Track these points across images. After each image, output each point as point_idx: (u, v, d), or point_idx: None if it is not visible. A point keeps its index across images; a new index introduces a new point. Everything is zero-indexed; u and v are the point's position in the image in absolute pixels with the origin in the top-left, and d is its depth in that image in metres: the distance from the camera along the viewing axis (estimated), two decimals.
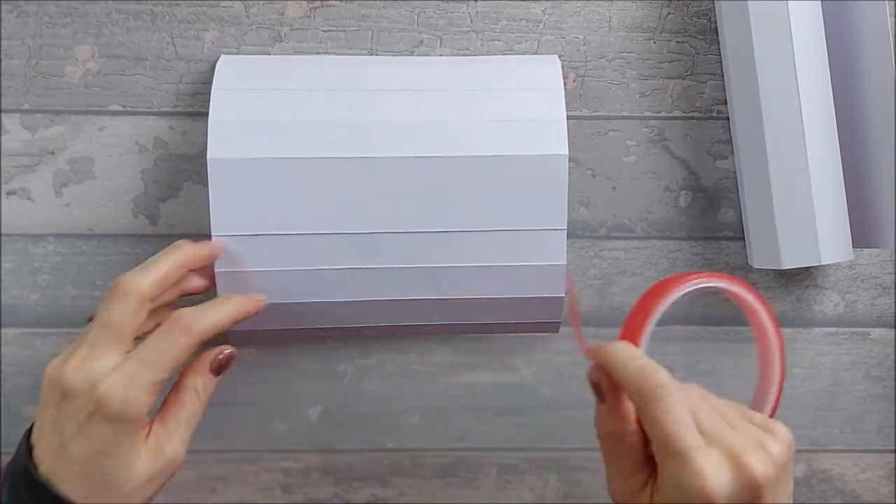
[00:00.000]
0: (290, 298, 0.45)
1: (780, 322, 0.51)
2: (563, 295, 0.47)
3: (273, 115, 0.44)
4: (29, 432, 0.40)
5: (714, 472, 0.35)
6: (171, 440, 0.39)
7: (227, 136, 0.44)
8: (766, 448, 0.36)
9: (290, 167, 0.44)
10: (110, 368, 0.37)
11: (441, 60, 0.48)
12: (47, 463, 0.38)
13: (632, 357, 0.38)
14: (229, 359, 0.42)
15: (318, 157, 0.44)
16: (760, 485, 0.35)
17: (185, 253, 0.42)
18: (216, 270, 0.44)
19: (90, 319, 0.40)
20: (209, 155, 0.43)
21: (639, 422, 0.38)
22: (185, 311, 0.39)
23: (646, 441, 0.37)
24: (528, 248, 0.46)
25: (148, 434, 0.39)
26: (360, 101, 0.45)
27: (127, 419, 0.37)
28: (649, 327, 0.40)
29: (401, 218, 0.45)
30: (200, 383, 0.40)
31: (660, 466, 0.36)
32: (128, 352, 0.38)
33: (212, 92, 0.45)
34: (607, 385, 0.39)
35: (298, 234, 0.45)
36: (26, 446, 0.39)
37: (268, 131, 0.44)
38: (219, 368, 0.41)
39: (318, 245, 0.45)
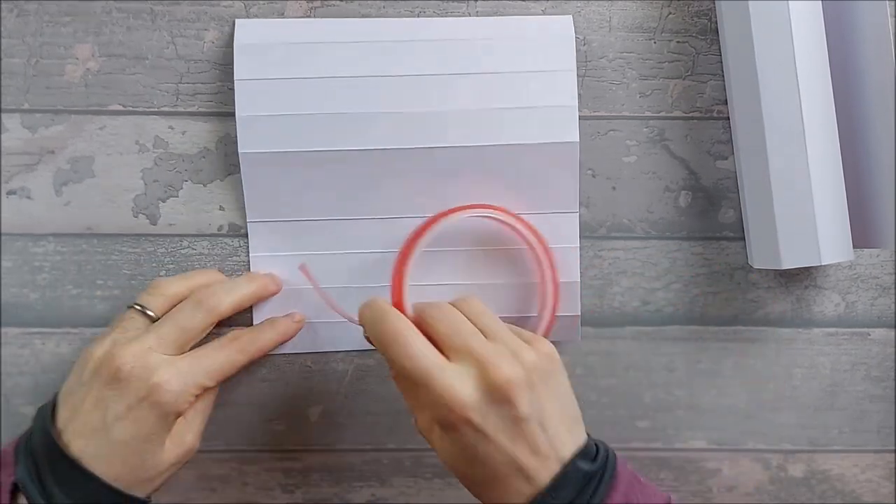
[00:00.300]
0: (323, 283, 0.48)
1: (780, 322, 0.52)
2: (578, 280, 0.50)
3: (295, 108, 0.47)
4: (48, 410, 0.41)
5: (457, 384, 0.37)
6: (191, 430, 0.43)
7: (254, 131, 0.47)
8: (519, 355, 0.38)
9: (313, 159, 0.47)
10: (168, 363, 0.41)
11: (454, 31, 0.48)
12: (80, 440, 0.40)
13: (373, 316, 0.40)
14: None
15: (340, 149, 0.47)
16: (508, 386, 0.37)
17: (261, 286, 0.47)
18: (251, 255, 0.49)
19: (131, 307, 0.44)
20: (240, 149, 0.47)
21: None
22: (244, 334, 0.45)
23: None
24: (543, 231, 0.48)
25: None
26: (378, 89, 0.47)
27: (174, 411, 0.41)
28: (406, 280, 0.45)
29: (420, 202, 0.48)
30: None
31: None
32: (182, 353, 0.43)
33: (235, 83, 0.47)
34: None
35: (324, 220, 0.48)
36: (49, 422, 0.40)
37: (291, 125, 0.47)
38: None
39: (341, 231, 0.49)
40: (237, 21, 0.47)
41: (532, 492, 0.38)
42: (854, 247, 0.47)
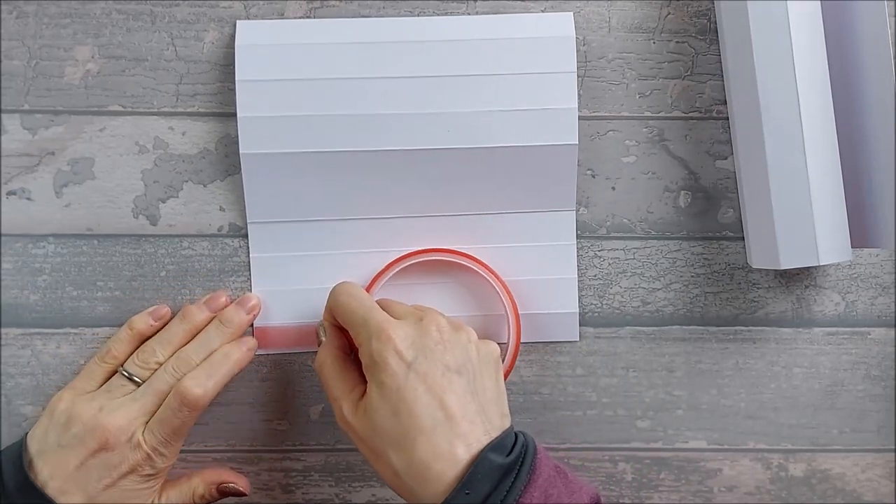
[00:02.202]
0: (319, 284, 0.48)
1: (780, 322, 0.52)
2: (575, 276, 0.50)
3: (295, 110, 0.47)
4: (18, 458, 0.43)
5: (396, 321, 0.42)
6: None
7: (255, 132, 0.47)
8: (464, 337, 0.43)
9: (314, 160, 0.47)
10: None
11: (453, 30, 0.48)
12: (65, 497, 0.43)
13: (335, 289, 0.45)
14: (235, 493, 0.49)
15: (340, 150, 0.47)
16: (441, 332, 0.41)
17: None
18: (252, 256, 0.49)
19: (119, 374, 0.46)
20: (241, 150, 0.47)
21: (353, 350, 0.44)
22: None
23: (359, 364, 0.43)
24: (541, 229, 0.49)
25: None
26: (378, 91, 0.47)
27: (163, 476, 0.45)
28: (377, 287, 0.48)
29: (419, 203, 0.49)
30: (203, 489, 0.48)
31: (362, 353, 0.42)
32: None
33: (236, 84, 0.47)
34: (331, 326, 0.46)
35: (323, 220, 0.49)
36: (27, 473, 0.43)
37: (291, 126, 0.47)
38: (224, 492, 0.48)
39: (342, 230, 0.49)
40: (238, 22, 0.47)
41: (454, 467, 0.38)
42: (853, 247, 0.47)
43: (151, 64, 0.48)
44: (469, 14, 0.48)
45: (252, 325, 0.49)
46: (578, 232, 0.50)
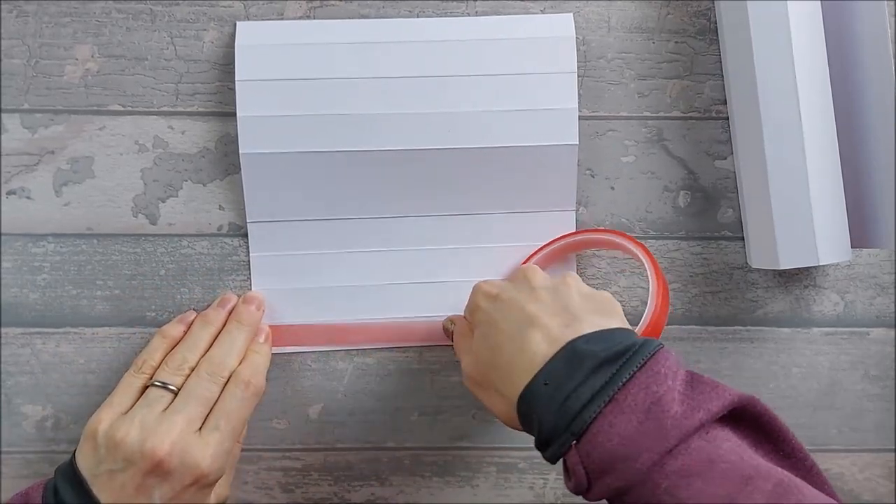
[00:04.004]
0: (318, 283, 0.49)
1: (779, 322, 0.52)
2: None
3: (294, 110, 0.47)
4: (74, 483, 0.42)
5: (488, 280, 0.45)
6: (224, 483, 0.48)
7: (254, 132, 0.47)
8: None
9: (313, 160, 0.47)
10: (203, 444, 0.43)
11: (454, 30, 0.48)
12: None
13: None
14: None
15: (340, 150, 0.47)
16: (525, 267, 0.43)
17: (252, 330, 0.48)
18: (252, 255, 0.49)
19: (153, 386, 0.45)
20: (241, 150, 0.47)
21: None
22: (245, 376, 0.45)
23: None
24: (541, 229, 0.49)
25: None
26: (377, 91, 0.47)
27: (215, 482, 0.44)
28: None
29: (419, 203, 0.49)
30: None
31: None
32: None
33: (236, 84, 0.47)
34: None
35: (322, 219, 0.49)
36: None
37: (291, 126, 0.47)
38: None
39: (341, 229, 0.49)
40: (238, 23, 0.47)
41: (535, 359, 0.38)
42: (852, 247, 0.47)
43: (151, 63, 0.48)
44: (469, 14, 0.48)
45: None
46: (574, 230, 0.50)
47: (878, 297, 0.52)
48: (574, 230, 0.50)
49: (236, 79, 0.46)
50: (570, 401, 0.36)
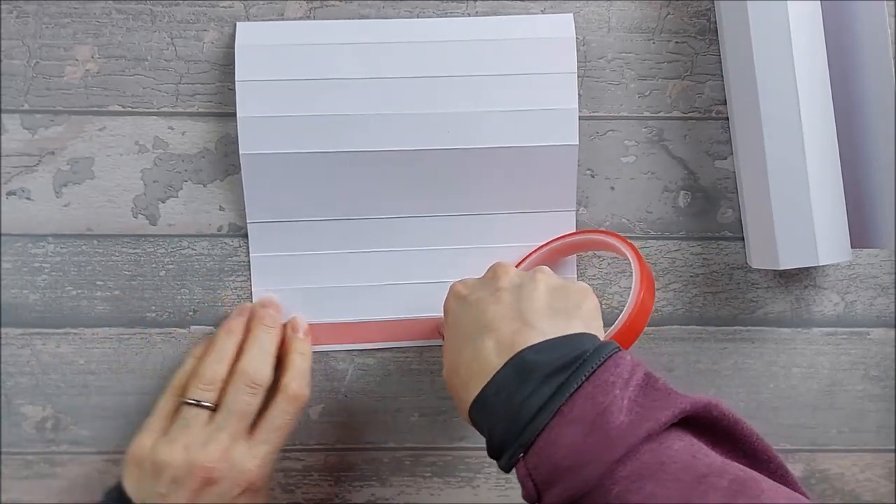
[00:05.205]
0: (318, 283, 0.49)
1: (780, 322, 0.52)
2: (574, 277, 0.50)
3: (295, 110, 0.47)
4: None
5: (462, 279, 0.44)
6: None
7: (254, 133, 0.47)
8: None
9: (313, 161, 0.47)
10: (250, 454, 0.44)
11: (454, 31, 0.48)
12: None
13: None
14: None
15: (340, 150, 0.47)
16: (496, 266, 0.43)
17: (279, 331, 0.48)
18: (252, 255, 0.49)
19: (186, 404, 0.45)
20: (241, 150, 0.47)
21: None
22: (288, 380, 0.46)
23: None
24: (541, 229, 0.49)
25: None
26: (378, 91, 0.47)
27: (264, 486, 0.45)
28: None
29: (419, 203, 0.49)
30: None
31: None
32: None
33: (236, 85, 0.46)
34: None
35: (323, 220, 0.49)
36: None
37: (291, 126, 0.47)
38: None
39: (341, 229, 0.49)
40: (238, 24, 0.47)
41: (486, 365, 0.37)
42: (852, 247, 0.47)
43: (151, 64, 0.48)
44: (469, 14, 0.48)
45: None
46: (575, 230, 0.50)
47: (878, 297, 0.52)
48: (574, 231, 0.50)
49: (236, 79, 0.46)
50: (518, 412, 0.35)
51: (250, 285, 0.49)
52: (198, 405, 0.44)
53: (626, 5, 0.49)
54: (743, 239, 0.51)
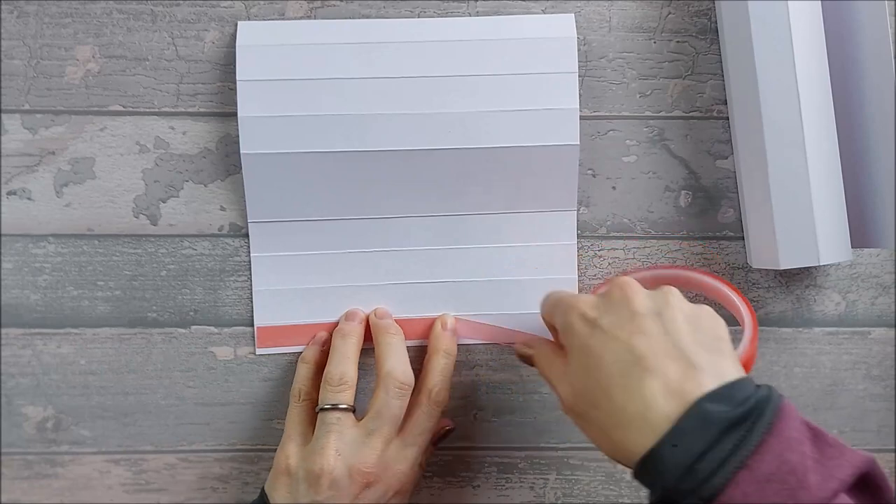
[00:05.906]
0: (319, 283, 0.49)
1: (781, 322, 0.52)
2: (575, 277, 0.51)
3: (296, 110, 0.47)
4: None
5: (582, 295, 0.41)
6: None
7: (255, 132, 0.47)
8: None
9: (315, 160, 0.47)
10: (402, 457, 0.46)
11: (454, 31, 0.48)
12: None
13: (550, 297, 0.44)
14: (448, 433, 0.50)
15: (341, 150, 0.47)
16: (624, 282, 0.40)
17: (392, 323, 0.49)
18: (252, 255, 0.49)
19: (325, 410, 0.46)
20: (242, 150, 0.47)
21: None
22: (431, 386, 0.47)
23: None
24: (541, 229, 0.49)
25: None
26: (378, 91, 0.47)
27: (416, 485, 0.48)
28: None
29: (419, 203, 0.49)
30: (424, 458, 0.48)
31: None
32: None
33: (237, 84, 0.46)
34: (532, 338, 0.46)
35: (324, 219, 0.48)
36: None
37: (292, 126, 0.47)
38: (438, 441, 0.50)
39: (342, 229, 0.49)
40: (239, 23, 0.47)
41: (651, 408, 0.34)
42: (853, 247, 0.47)
43: (152, 63, 0.48)
44: (470, 14, 0.48)
45: (253, 324, 0.49)
46: (578, 231, 0.50)
47: (879, 296, 0.52)
48: (576, 231, 0.50)
49: (237, 79, 0.46)
50: (698, 464, 0.33)
51: (251, 285, 0.49)
52: (334, 409, 0.45)
53: (627, 5, 0.49)
54: (743, 239, 0.51)
